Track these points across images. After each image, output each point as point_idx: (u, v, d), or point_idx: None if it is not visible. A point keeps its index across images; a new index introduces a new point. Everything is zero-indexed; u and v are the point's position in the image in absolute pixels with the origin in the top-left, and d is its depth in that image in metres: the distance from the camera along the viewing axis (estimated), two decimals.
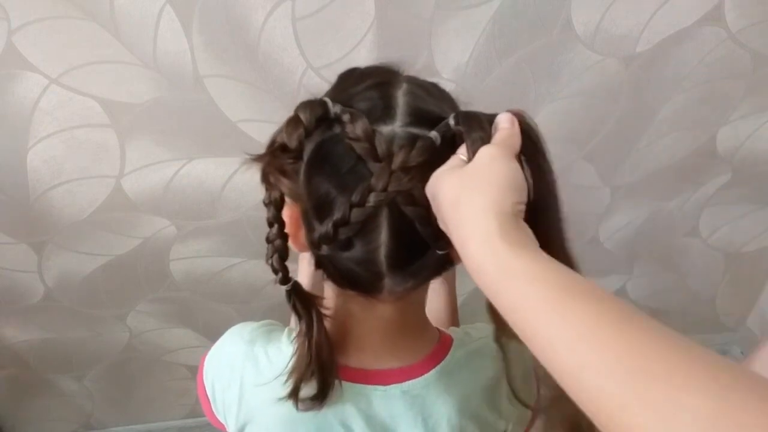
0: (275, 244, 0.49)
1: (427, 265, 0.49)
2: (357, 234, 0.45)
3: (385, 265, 0.47)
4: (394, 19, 0.93)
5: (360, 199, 0.43)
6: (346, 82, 0.50)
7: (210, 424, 0.65)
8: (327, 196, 0.45)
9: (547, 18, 0.98)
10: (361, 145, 0.43)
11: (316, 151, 0.46)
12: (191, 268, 1.21)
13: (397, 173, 0.43)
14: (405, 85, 0.48)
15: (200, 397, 0.63)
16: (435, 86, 0.50)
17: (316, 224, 0.47)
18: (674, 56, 1.07)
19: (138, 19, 0.88)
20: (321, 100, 0.46)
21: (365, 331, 0.55)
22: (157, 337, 1.33)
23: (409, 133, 0.45)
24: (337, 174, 0.45)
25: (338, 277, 0.50)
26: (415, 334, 0.58)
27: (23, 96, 0.93)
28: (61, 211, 1.07)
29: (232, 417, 0.58)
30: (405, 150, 0.43)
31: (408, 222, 0.45)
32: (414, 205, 0.44)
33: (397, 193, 0.43)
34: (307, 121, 0.45)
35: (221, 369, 0.59)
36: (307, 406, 0.53)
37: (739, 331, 1.68)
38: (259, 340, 0.58)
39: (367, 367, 0.55)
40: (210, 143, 1.03)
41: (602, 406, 0.28)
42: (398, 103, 0.46)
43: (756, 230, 1.43)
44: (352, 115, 0.44)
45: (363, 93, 0.47)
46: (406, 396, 0.55)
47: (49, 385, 1.38)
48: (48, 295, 1.19)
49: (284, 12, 0.90)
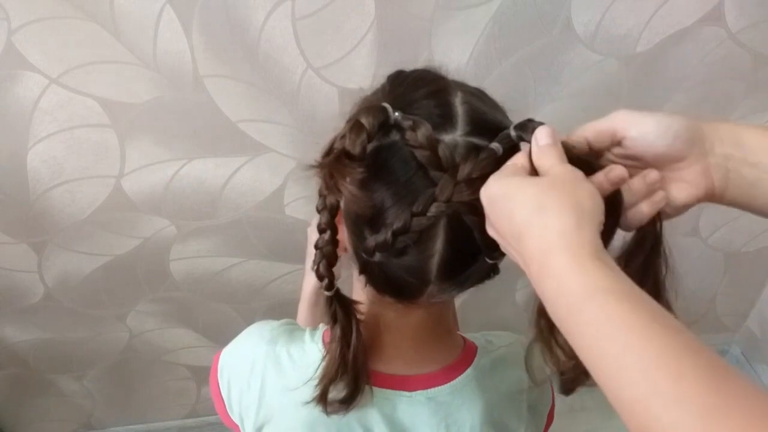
0: (324, 251, 0.49)
1: (474, 273, 0.49)
2: (414, 242, 0.45)
3: (435, 274, 0.47)
4: (394, 19, 0.93)
5: (422, 209, 0.43)
6: (400, 87, 0.50)
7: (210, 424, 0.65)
8: (383, 203, 0.45)
9: (547, 18, 0.98)
10: (424, 153, 0.43)
11: (372, 158, 0.45)
12: (191, 268, 1.21)
13: (461, 185, 0.43)
14: (460, 94, 0.47)
15: (213, 396, 0.62)
16: (484, 93, 0.51)
17: (367, 231, 0.46)
18: (674, 56, 1.07)
19: (138, 19, 0.88)
20: (382, 106, 0.45)
21: (396, 337, 0.55)
22: (157, 337, 1.33)
23: (470, 143, 0.45)
24: (396, 182, 0.45)
25: (382, 284, 0.50)
26: (443, 341, 0.58)
27: (23, 96, 0.93)
28: (61, 211, 1.07)
29: (251, 417, 0.57)
30: (471, 161, 0.43)
31: (465, 231, 0.45)
32: (475, 215, 0.44)
33: (460, 204, 0.43)
34: (370, 127, 0.44)
35: (240, 369, 0.58)
36: (334, 410, 0.52)
37: (739, 331, 1.68)
38: (280, 339, 0.58)
39: (394, 372, 0.55)
40: (210, 143, 1.03)
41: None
42: (458, 112, 0.46)
43: (756, 230, 1.43)
44: (414, 122, 0.44)
45: (420, 100, 0.47)
46: (432, 403, 0.55)
47: (49, 385, 1.38)
48: (48, 295, 1.19)
49: (284, 12, 0.90)
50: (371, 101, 0.48)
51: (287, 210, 1.13)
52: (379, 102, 0.46)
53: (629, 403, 0.30)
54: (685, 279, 1.49)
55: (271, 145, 1.03)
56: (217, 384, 0.61)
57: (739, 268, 1.50)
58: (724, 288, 1.55)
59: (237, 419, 0.60)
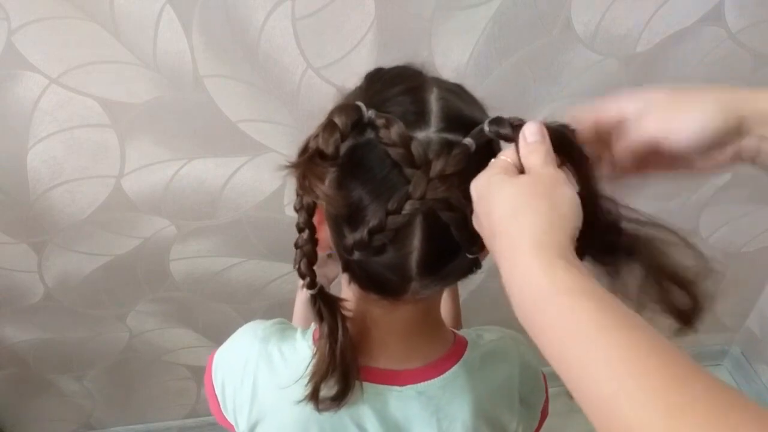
0: (304, 249, 0.49)
1: (455, 269, 0.49)
2: (390, 240, 0.45)
3: (415, 270, 0.47)
4: (394, 19, 0.93)
5: (397, 207, 0.43)
6: (376, 84, 0.50)
7: (210, 424, 0.65)
8: (360, 201, 0.45)
9: (547, 18, 0.98)
10: (397, 151, 0.43)
11: (348, 157, 0.46)
12: (191, 268, 1.21)
13: (434, 181, 0.43)
14: (436, 90, 0.47)
15: (208, 396, 0.63)
16: (462, 89, 0.50)
17: (347, 230, 0.47)
18: (674, 56, 1.07)
19: (138, 19, 0.88)
20: (355, 105, 0.45)
21: (384, 333, 0.55)
22: (157, 337, 1.33)
23: (444, 139, 0.45)
24: (372, 180, 0.45)
25: (365, 281, 0.50)
26: (432, 335, 0.58)
27: (23, 96, 0.93)
28: (61, 211, 1.07)
29: (244, 416, 0.58)
30: (443, 158, 0.43)
31: (442, 227, 0.45)
32: (451, 211, 0.44)
33: (434, 200, 0.43)
34: (343, 126, 0.44)
35: (233, 367, 0.59)
36: (325, 407, 0.53)
37: (739, 331, 1.68)
38: (272, 338, 0.58)
39: (384, 367, 0.56)
40: (210, 143, 1.03)
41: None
42: (432, 109, 0.46)
43: (756, 230, 1.43)
44: (387, 120, 0.44)
45: (395, 97, 0.47)
46: (422, 397, 0.55)
47: (49, 385, 1.38)
48: (48, 295, 1.19)
49: (284, 12, 0.90)
50: (348, 100, 0.48)
51: (287, 210, 1.13)
52: (355, 100, 0.46)
53: (594, 401, 0.30)
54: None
55: (271, 145, 1.04)
56: (212, 383, 0.62)
57: (739, 268, 1.50)
58: (724, 288, 1.55)
59: (231, 418, 0.61)
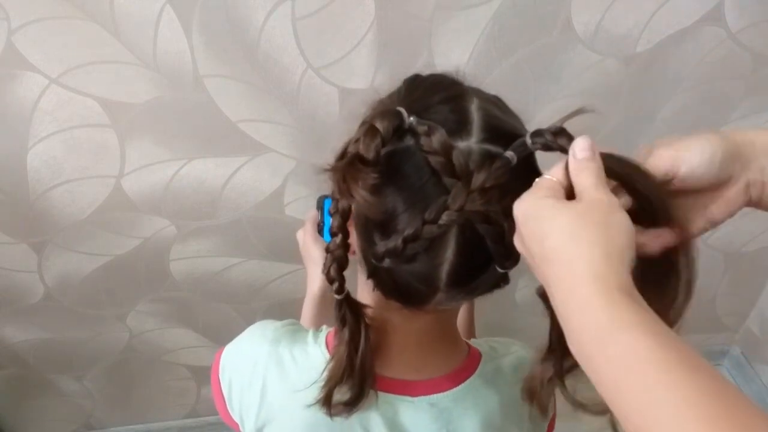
0: (335, 254, 0.49)
1: (484, 282, 0.48)
2: (424, 249, 0.44)
3: (444, 281, 0.46)
4: (394, 19, 0.93)
5: (434, 217, 0.43)
6: (416, 91, 0.49)
7: (211, 424, 0.65)
8: (395, 209, 0.45)
9: (547, 18, 0.98)
10: (438, 159, 0.43)
11: (386, 163, 0.45)
12: (191, 268, 1.21)
13: (474, 193, 0.42)
14: (476, 100, 0.47)
15: (214, 394, 0.62)
16: (500, 100, 0.50)
17: (377, 236, 0.46)
18: (674, 56, 1.07)
19: (138, 19, 0.88)
20: (396, 110, 0.45)
21: (401, 342, 0.54)
22: (157, 337, 1.33)
23: (485, 150, 0.44)
24: (409, 187, 0.44)
25: (390, 289, 0.49)
26: (447, 346, 0.58)
27: (23, 96, 0.93)
28: (61, 211, 1.07)
29: (251, 417, 0.57)
30: (485, 170, 0.43)
31: (476, 240, 0.44)
32: (488, 224, 0.43)
33: (471, 213, 0.43)
34: (384, 132, 0.44)
35: (242, 367, 0.58)
36: (337, 412, 0.52)
37: (739, 331, 1.68)
38: (283, 339, 0.57)
39: (398, 376, 0.55)
40: (210, 143, 1.03)
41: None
42: (473, 118, 0.45)
43: (756, 230, 1.43)
44: (429, 127, 0.43)
45: (436, 105, 0.46)
46: (434, 409, 0.55)
47: (49, 385, 1.38)
48: (48, 295, 1.19)
49: (284, 12, 0.90)
50: (386, 105, 0.48)
51: (287, 210, 1.13)
52: (394, 106, 0.45)
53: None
54: None
55: (271, 145, 1.03)
56: (218, 382, 0.61)
57: (739, 268, 1.50)
58: (724, 288, 1.55)
59: (237, 418, 0.60)
